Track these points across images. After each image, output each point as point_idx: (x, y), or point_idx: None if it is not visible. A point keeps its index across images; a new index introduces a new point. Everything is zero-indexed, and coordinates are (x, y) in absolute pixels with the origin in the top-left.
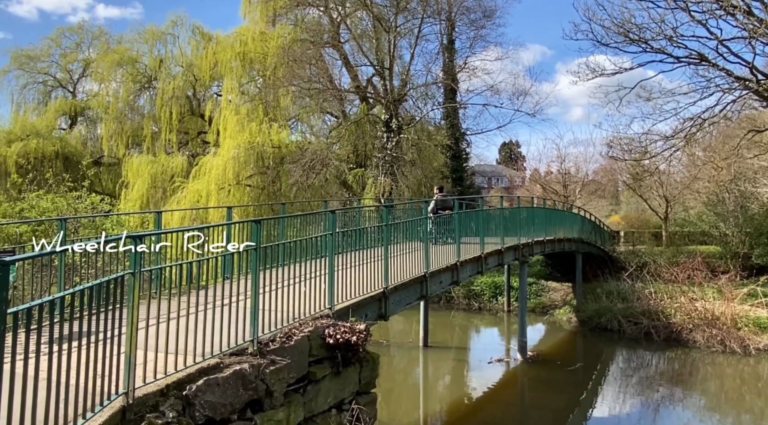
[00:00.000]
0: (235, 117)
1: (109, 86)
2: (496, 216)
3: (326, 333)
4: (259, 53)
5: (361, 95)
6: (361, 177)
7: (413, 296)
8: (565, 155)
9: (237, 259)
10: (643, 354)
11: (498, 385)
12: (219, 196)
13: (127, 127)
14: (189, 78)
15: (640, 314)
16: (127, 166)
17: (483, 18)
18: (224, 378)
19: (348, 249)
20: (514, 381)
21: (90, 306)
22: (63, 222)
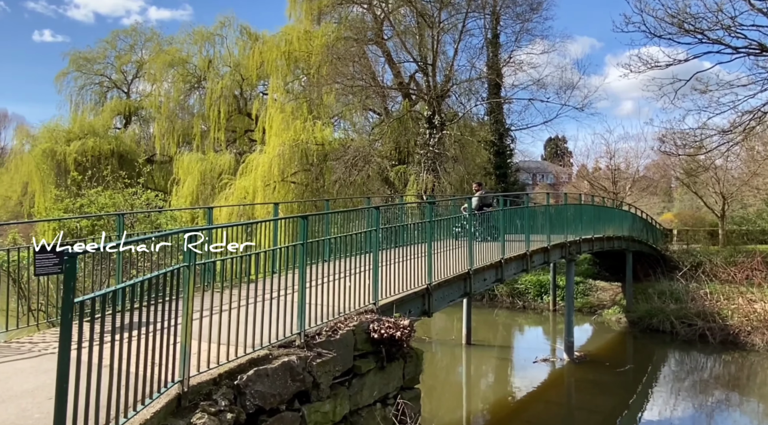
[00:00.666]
0: (280, 115)
1: (160, 87)
2: (541, 213)
3: (371, 328)
4: (304, 52)
5: (404, 92)
6: (403, 174)
7: (456, 294)
8: (615, 150)
9: (283, 254)
10: (697, 357)
11: (543, 385)
12: (265, 192)
13: (178, 126)
14: (236, 77)
15: (695, 315)
16: (178, 164)
17: (529, 11)
18: (273, 369)
19: (391, 245)
20: (561, 382)
21: (148, 298)
22: (121, 217)
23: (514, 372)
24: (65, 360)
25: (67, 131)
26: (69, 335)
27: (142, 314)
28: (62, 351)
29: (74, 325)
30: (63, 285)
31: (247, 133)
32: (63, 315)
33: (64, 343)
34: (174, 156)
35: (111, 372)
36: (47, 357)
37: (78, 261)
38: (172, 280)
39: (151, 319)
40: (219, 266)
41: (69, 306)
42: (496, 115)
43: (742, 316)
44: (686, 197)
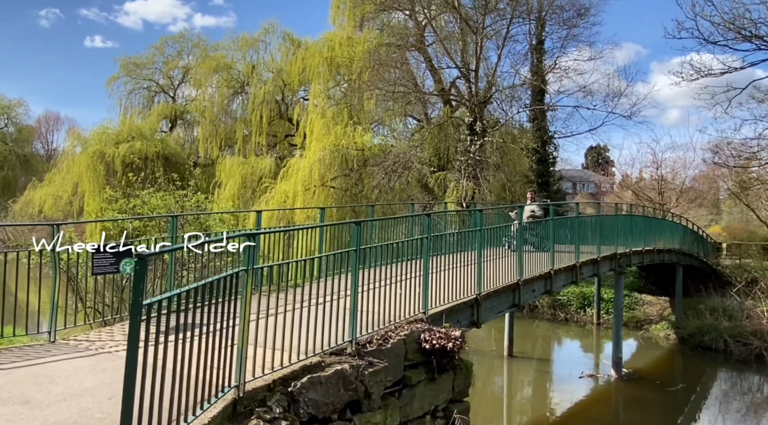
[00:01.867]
0: (321, 120)
1: (205, 91)
2: (591, 224)
3: (422, 338)
4: (346, 58)
5: (445, 98)
6: (442, 180)
7: (505, 304)
8: (662, 160)
9: (336, 260)
10: (752, 378)
11: (589, 401)
12: (305, 197)
13: (221, 130)
14: (278, 83)
15: (751, 334)
16: (221, 167)
17: (576, 17)
18: (326, 377)
19: (439, 253)
20: (607, 399)
21: (210, 301)
22: (174, 219)
23: (558, 387)
24: (133, 361)
25: (116, 134)
26: (137, 336)
27: (203, 317)
28: (131, 352)
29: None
30: (132, 287)
31: (288, 137)
32: (132, 317)
33: (132, 345)
34: (216, 159)
35: (174, 376)
36: (104, 356)
37: (131, 262)
38: (232, 284)
39: (210, 322)
40: (276, 271)
41: (138, 308)
42: (540, 122)
43: None
44: (735, 209)
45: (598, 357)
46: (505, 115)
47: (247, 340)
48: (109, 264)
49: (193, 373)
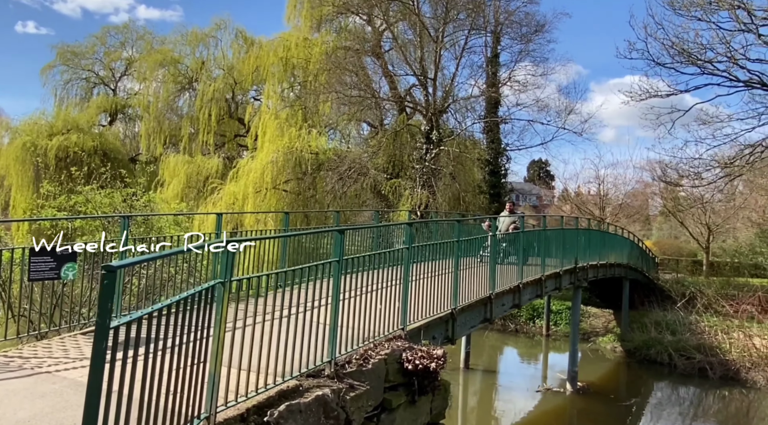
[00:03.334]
0: (274, 121)
1: (149, 86)
2: (556, 237)
3: (404, 357)
4: (302, 59)
5: (401, 105)
6: (397, 188)
7: (477, 319)
8: (604, 176)
9: (317, 271)
10: (696, 392)
11: (545, 415)
12: (255, 199)
13: (165, 126)
14: (229, 81)
15: (694, 348)
16: (164, 165)
17: (533, 32)
18: (306, 405)
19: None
20: (563, 412)
21: (183, 319)
22: (126, 220)
23: (515, 400)
24: (95, 395)
25: (49, 125)
26: (102, 365)
27: (174, 338)
28: (93, 382)
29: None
30: (98, 306)
31: (237, 138)
32: (97, 342)
33: (95, 373)
34: (160, 157)
35: (141, 406)
36: (42, 376)
37: (75, 267)
38: (206, 299)
39: (182, 343)
40: (255, 283)
41: (104, 332)
42: (494, 134)
43: (741, 351)
44: (665, 225)
45: (546, 369)
46: (460, 125)
47: (221, 363)
48: (48, 269)
49: (161, 403)
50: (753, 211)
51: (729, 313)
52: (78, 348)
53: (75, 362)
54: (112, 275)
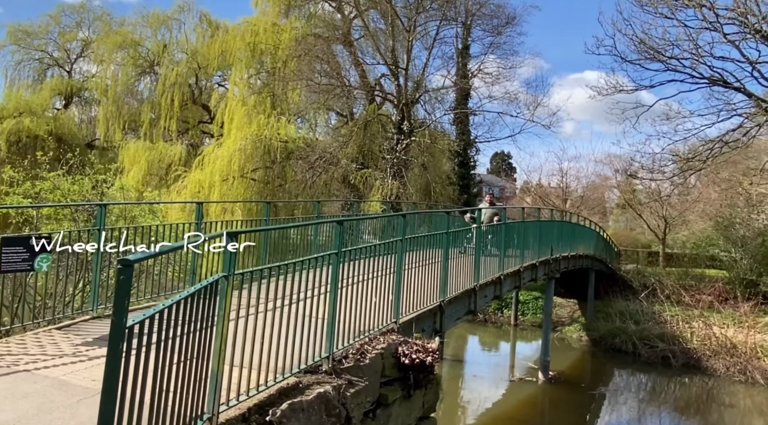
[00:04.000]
0: (242, 108)
1: (108, 68)
2: (534, 229)
3: (400, 352)
4: (270, 45)
5: (370, 95)
6: (367, 178)
7: (462, 311)
8: (567, 169)
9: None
10: (659, 380)
11: (518, 404)
12: (221, 188)
13: (125, 111)
14: (192, 66)
15: (656, 337)
16: (124, 151)
17: (504, 24)
18: (309, 403)
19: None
20: (535, 401)
21: (190, 316)
22: (102, 208)
23: (489, 390)
24: (111, 399)
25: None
26: (118, 367)
27: (183, 336)
28: (109, 388)
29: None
30: (114, 303)
31: (201, 124)
32: (113, 343)
33: (111, 377)
34: (120, 143)
35: (151, 410)
36: (22, 375)
37: (48, 259)
38: (210, 294)
39: (189, 341)
40: (258, 277)
41: (121, 331)
42: (464, 126)
43: (701, 340)
44: (622, 218)
45: (514, 358)
46: (430, 116)
47: (223, 361)
48: (21, 260)
49: (170, 405)
50: (707, 204)
51: (689, 303)
52: (55, 344)
53: (54, 359)
54: (129, 270)
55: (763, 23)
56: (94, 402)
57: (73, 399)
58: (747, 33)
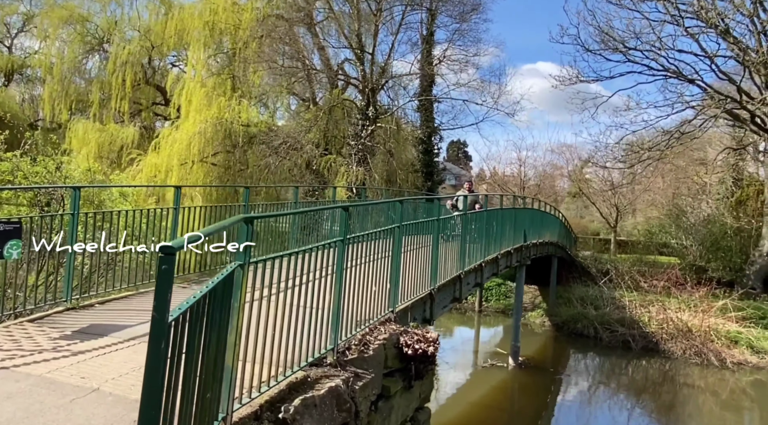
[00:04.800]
0: (201, 90)
1: (52, 44)
2: (511, 216)
3: (402, 342)
4: (230, 25)
5: (333, 80)
6: (332, 165)
7: (448, 299)
8: (525, 158)
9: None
10: (620, 362)
11: (490, 389)
12: (180, 172)
13: (72, 90)
14: (146, 44)
15: (616, 322)
16: (72, 132)
17: (469, 11)
18: (321, 398)
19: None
20: (505, 386)
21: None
22: (77, 191)
23: (461, 376)
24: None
25: None
26: (161, 368)
27: (206, 330)
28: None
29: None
30: (156, 297)
31: (154, 106)
32: (154, 341)
33: (152, 379)
34: (67, 124)
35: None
36: (1, 373)
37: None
38: (227, 285)
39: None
40: (271, 266)
41: (162, 328)
42: (428, 113)
43: (659, 324)
44: (572, 206)
45: (478, 344)
46: (394, 103)
47: (238, 357)
48: None
49: (192, 406)
50: (655, 194)
51: (647, 289)
52: (30, 338)
53: (34, 354)
54: (171, 259)
55: (718, 18)
56: (89, 402)
57: (65, 399)
58: (706, 27)
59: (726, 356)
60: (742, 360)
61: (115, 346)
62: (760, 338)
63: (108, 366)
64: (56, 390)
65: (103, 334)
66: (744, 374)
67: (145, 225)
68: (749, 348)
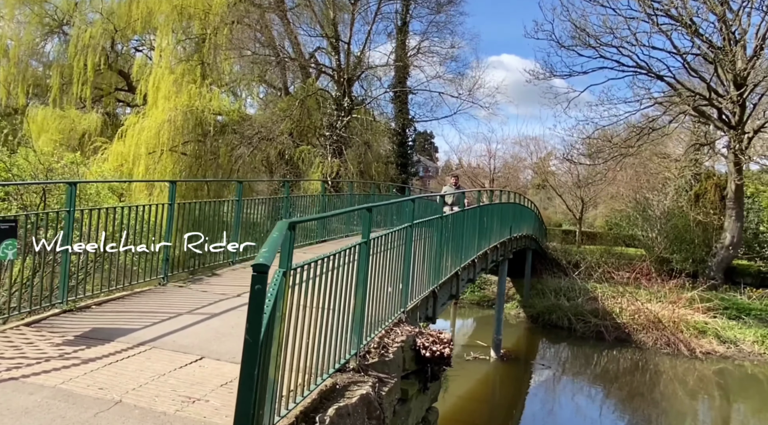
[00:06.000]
0: (170, 77)
1: (8, 25)
2: (497, 211)
3: (419, 344)
4: (200, 9)
5: (305, 70)
6: (307, 156)
7: (446, 296)
8: (495, 150)
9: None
10: (594, 353)
11: (475, 382)
12: (147, 162)
13: (29, 74)
14: (108, 28)
15: (589, 313)
16: (30, 118)
17: (447, 3)
18: (353, 406)
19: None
20: (488, 378)
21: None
22: (73, 187)
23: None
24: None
25: None
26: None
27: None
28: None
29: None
30: (248, 319)
31: (116, 92)
32: (247, 364)
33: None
34: (25, 110)
35: None
36: (9, 385)
37: (15, 245)
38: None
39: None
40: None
41: (254, 350)
42: (403, 105)
43: (630, 316)
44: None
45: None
46: (370, 94)
47: (282, 368)
48: None
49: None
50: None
51: (618, 280)
52: (32, 344)
53: (41, 363)
54: (264, 278)
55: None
56: (114, 415)
57: (88, 414)
58: (678, 25)
59: (695, 346)
60: (710, 349)
61: (125, 352)
62: (726, 328)
63: (123, 374)
64: (75, 403)
65: (108, 339)
66: (711, 363)
67: (136, 222)
68: (716, 337)
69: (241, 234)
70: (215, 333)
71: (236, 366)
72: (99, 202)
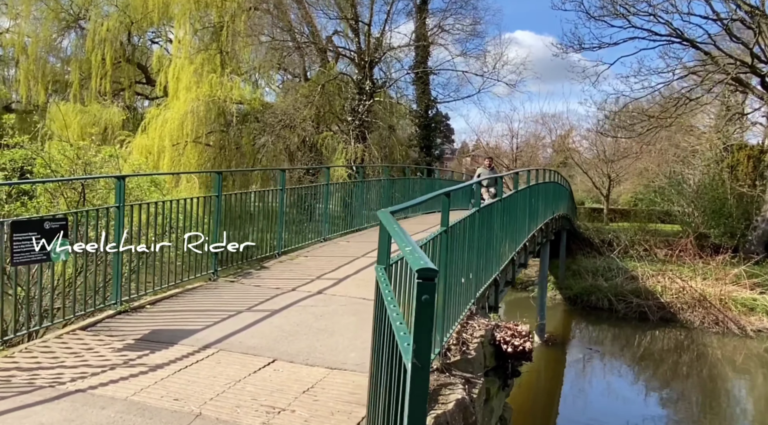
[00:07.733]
0: (190, 67)
1: (25, 22)
2: (543, 191)
3: (498, 339)
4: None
5: (323, 54)
6: (329, 141)
7: (503, 283)
8: (518, 129)
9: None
10: (638, 333)
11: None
12: (172, 154)
13: (48, 71)
14: (125, 20)
15: (630, 293)
16: (52, 115)
17: None
18: (450, 414)
19: None
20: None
21: None
22: (121, 181)
23: None
24: None
25: None
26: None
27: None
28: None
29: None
30: (415, 338)
31: (136, 85)
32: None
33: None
34: (46, 106)
35: None
36: (77, 398)
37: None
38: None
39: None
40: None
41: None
42: (424, 86)
43: (675, 294)
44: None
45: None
46: (391, 76)
47: None
48: (39, 249)
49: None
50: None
51: (661, 258)
52: (91, 350)
53: (106, 371)
54: (433, 286)
55: None
56: None
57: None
58: None
59: (745, 323)
60: (761, 327)
61: (193, 357)
62: None
63: (197, 382)
64: (153, 417)
65: (171, 342)
66: (762, 340)
67: (184, 216)
68: (766, 314)
69: (286, 224)
70: (281, 332)
71: (312, 368)
72: (140, 196)
